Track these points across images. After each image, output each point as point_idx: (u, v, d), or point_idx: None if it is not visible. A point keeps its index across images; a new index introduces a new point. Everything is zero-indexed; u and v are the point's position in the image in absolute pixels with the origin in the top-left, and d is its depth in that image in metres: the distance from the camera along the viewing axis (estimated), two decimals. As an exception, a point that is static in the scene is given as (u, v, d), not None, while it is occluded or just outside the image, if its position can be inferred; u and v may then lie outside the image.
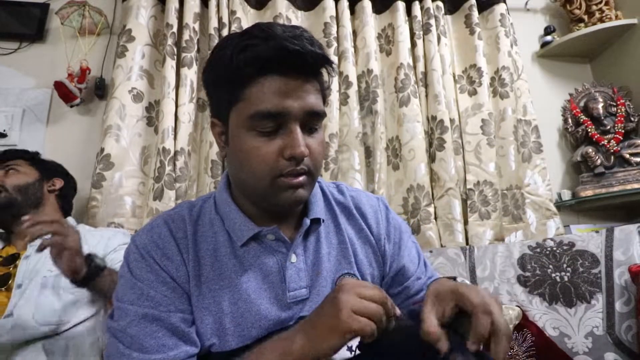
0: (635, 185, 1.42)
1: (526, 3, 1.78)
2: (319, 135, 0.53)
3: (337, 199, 0.65)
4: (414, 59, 1.53)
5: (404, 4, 1.57)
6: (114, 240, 1.00)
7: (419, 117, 1.44)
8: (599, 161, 1.49)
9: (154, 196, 1.21)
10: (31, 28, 1.44)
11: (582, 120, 1.56)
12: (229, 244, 0.55)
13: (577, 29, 1.63)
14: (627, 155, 1.47)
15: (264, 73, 0.48)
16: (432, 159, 1.45)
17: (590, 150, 1.51)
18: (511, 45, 1.60)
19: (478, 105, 1.51)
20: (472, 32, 1.58)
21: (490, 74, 1.58)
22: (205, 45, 1.41)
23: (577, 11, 1.66)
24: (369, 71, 1.47)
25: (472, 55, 1.57)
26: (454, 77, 1.58)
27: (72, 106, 1.34)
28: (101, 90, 1.39)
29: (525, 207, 1.45)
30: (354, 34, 1.55)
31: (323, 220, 0.60)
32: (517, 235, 1.41)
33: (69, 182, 1.13)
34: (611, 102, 1.55)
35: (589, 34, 1.60)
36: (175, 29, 1.37)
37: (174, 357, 0.47)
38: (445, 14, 1.64)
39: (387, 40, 1.59)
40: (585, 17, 1.65)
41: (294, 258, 0.55)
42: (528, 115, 1.55)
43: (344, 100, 1.44)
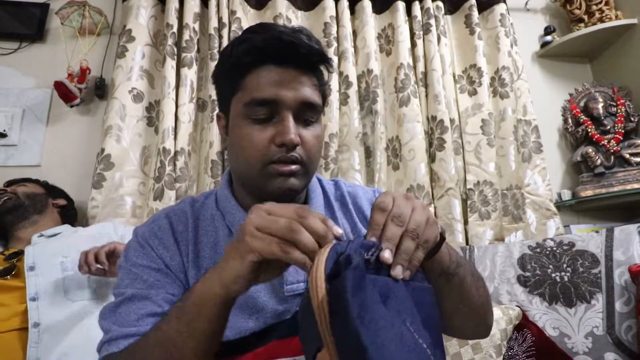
0: (635, 185, 1.42)
1: (526, 3, 1.77)
2: (314, 128, 0.54)
3: (335, 194, 0.66)
4: (414, 59, 1.53)
5: (404, 4, 1.57)
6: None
7: (419, 117, 1.44)
8: (599, 161, 1.49)
9: (154, 196, 1.21)
10: (31, 28, 1.44)
11: (582, 120, 1.56)
12: (229, 238, 0.56)
13: (577, 29, 1.63)
14: (627, 155, 1.47)
15: (261, 63, 0.51)
16: (432, 159, 1.45)
17: (590, 150, 1.51)
18: (511, 45, 1.60)
19: (478, 105, 1.51)
20: (472, 32, 1.58)
21: (490, 74, 1.58)
22: (205, 45, 1.41)
23: (577, 11, 1.66)
24: (369, 71, 1.47)
25: (472, 55, 1.57)
26: (454, 77, 1.58)
27: (72, 106, 1.34)
28: (101, 90, 1.39)
29: (525, 207, 1.45)
30: (354, 34, 1.55)
31: None
32: (517, 235, 1.41)
33: (71, 205, 1.22)
34: (611, 102, 1.55)
35: (589, 34, 1.60)
36: (175, 29, 1.37)
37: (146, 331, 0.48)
38: (445, 14, 1.64)
39: (387, 40, 1.59)
40: (585, 17, 1.65)
41: None
42: (528, 115, 1.55)
43: (344, 100, 1.44)
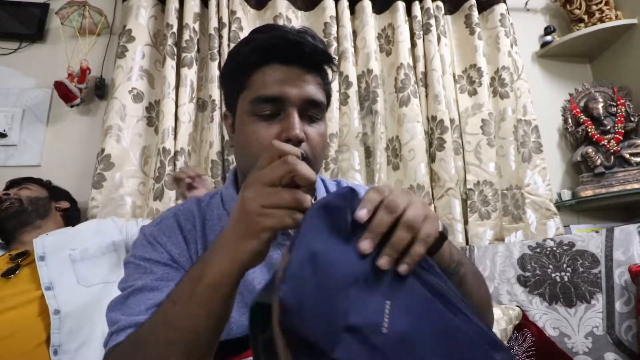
0: (635, 185, 1.42)
1: (526, 3, 1.77)
2: (319, 126, 0.55)
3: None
4: (414, 59, 1.54)
5: (404, 4, 1.57)
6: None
7: (419, 117, 1.44)
8: (599, 161, 1.49)
9: (154, 196, 1.21)
10: (31, 28, 1.44)
11: (582, 120, 1.56)
12: None
13: (577, 29, 1.63)
14: (627, 155, 1.47)
15: (266, 62, 0.52)
16: (432, 159, 1.45)
17: (590, 150, 1.51)
18: (511, 45, 1.60)
19: (478, 105, 1.51)
20: (472, 32, 1.58)
21: (490, 74, 1.58)
22: (205, 45, 1.41)
23: (577, 11, 1.66)
24: (369, 71, 1.47)
25: (472, 55, 1.57)
26: (454, 77, 1.58)
27: (72, 106, 1.34)
28: (101, 90, 1.39)
29: (525, 207, 1.45)
30: (354, 34, 1.55)
31: None
32: (517, 235, 1.41)
33: (74, 206, 1.22)
34: (611, 102, 1.55)
35: (589, 34, 1.60)
36: (175, 29, 1.37)
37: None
38: (445, 14, 1.64)
39: (387, 40, 1.59)
40: (585, 17, 1.65)
41: None
42: (528, 115, 1.55)
43: (344, 100, 1.44)
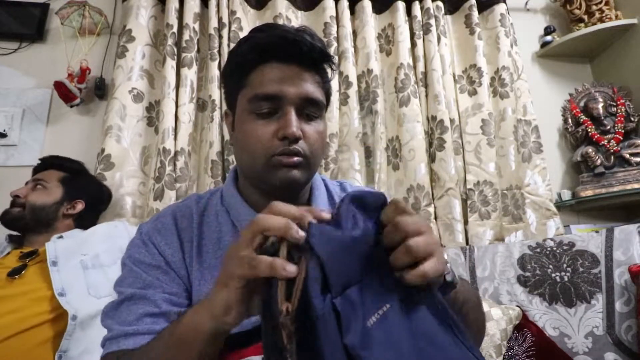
0: (635, 185, 1.42)
1: (526, 3, 1.77)
2: (317, 124, 0.55)
3: (339, 194, 0.67)
4: (414, 59, 1.53)
5: (404, 4, 1.57)
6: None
7: (419, 117, 1.44)
8: (599, 161, 1.49)
9: (155, 196, 1.21)
10: (31, 28, 1.44)
11: (582, 120, 1.56)
12: (233, 234, 0.57)
13: (577, 29, 1.63)
14: (627, 155, 1.47)
15: (265, 60, 0.53)
16: (432, 159, 1.45)
17: (590, 150, 1.51)
18: (511, 45, 1.60)
19: (478, 105, 1.51)
20: (472, 32, 1.58)
21: (490, 74, 1.58)
22: (205, 45, 1.41)
23: (577, 11, 1.66)
24: (369, 71, 1.47)
25: (472, 55, 1.57)
26: (454, 77, 1.58)
27: (72, 106, 1.34)
28: (101, 90, 1.39)
29: (525, 207, 1.45)
30: (354, 34, 1.55)
31: None
32: (517, 235, 1.41)
33: (94, 202, 1.15)
34: (611, 102, 1.55)
35: (589, 34, 1.60)
36: (175, 29, 1.37)
37: (147, 330, 0.49)
38: (445, 14, 1.64)
39: (387, 40, 1.58)
40: (585, 17, 1.65)
41: None
42: (528, 115, 1.55)
43: (344, 100, 1.44)
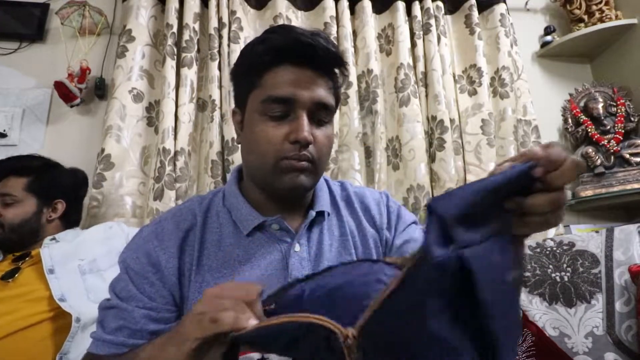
0: (635, 185, 1.42)
1: (526, 3, 1.77)
2: (326, 129, 0.56)
3: (341, 195, 0.68)
4: (414, 59, 1.53)
5: (404, 4, 1.57)
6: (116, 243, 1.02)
7: (419, 117, 1.44)
8: (599, 161, 1.49)
9: (154, 196, 1.21)
10: (31, 28, 1.44)
11: (582, 120, 1.56)
12: (235, 234, 0.57)
13: (577, 29, 1.63)
14: (627, 155, 1.47)
15: (279, 62, 0.53)
16: (432, 159, 1.45)
17: (590, 150, 1.51)
18: (511, 45, 1.60)
19: (478, 105, 1.51)
20: (472, 32, 1.58)
21: (490, 74, 1.58)
22: (205, 45, 1.41)
23: (577, 11, 1.66)
24: (369, 71, 1.47)
25: (472, 55, 1.57)
26: (454, 77, 1.58)
27: (72, 106, 1.34)
28: (101, 90, 1.39)
29: (525, 207, 1.45)
30: (354, 34, 1.55)
31: (328, 214, 0.62)
32: (517, 235, 1.41)
33: (74, 193, 1.09)
34: (611, 102, 1.55)
35: (589, 34, 1.60)
36: (175, 29, 1.36)
37: (121, 342, 0.51)
38: (445, 14, 1.64)
39: (387, 40, 1.58)
40: (585, 17, 1.65)
41: (297, 247, 0.57)
42: (528, 115, 1.55)
43: (344, 100, 1.44)
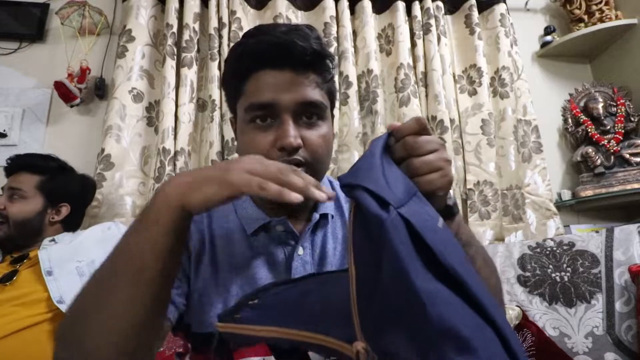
0: (635, 185, 1.42)
1: (526, 3, 1.77)
2: (319, 128, 0.53)
3: (345, 197, 0.66)
4: (414, 59, 1.53)
5: (404, 4, 1.57)
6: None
7: (419, 117, 1.44)
8: (599, 161, 1.49)
9: (154, 196, 1.21)
10: (31, 28, 1.44)
11: (582, 120, 1.56)
12: (240, 231, 0.57)
13: (577, 29, 1.63)
14: (627, 155, 1.47)
15: (259, 67, 0.51)
16: (432, 159, 1.45)
17: (590, 150, 1.51)
18: (511, 45, 1.60)
19: (478, 105, 1.51)
20: (472, 32, 1.58)
21: (490, 74, 1.58)
22: (205, 45, 1.41)
23: (577, 11, 1.66)
24: (369, 71, 1.47)
25: (472, 55, 1.57)
26: (454, 77, 1.58)
27: (72, 106, 1.34)
28: (101, 90, 1.39)
29: (525, 207, 1.45)
30: (354, 34, 1.55)
31: (332, 217, 0.61)
32: (517, 235, 1.41)
33: (80, 200, 1.10)
34: (611, 102, 1.55)
35: (589, 34, 1.60)
36: (175, 29, 1.37)
37: None
38: (445, 14, 1.64)
39: (387, 40, 1.58)
40: (585, 17, 1.65)
41: (301, 250, 0.56)
42: (528, 115, 1.55)
43: (344, 100, 1.44)
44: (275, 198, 0.35)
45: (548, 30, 1.73)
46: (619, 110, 1.52)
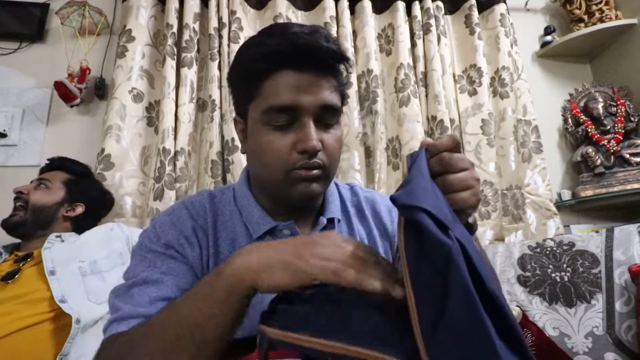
0: (635, 185, 1.42)
1: (526, 3, 1.78)
2: (335, 131, 0.53)
3: (352, 200, 0.66)
4: (414, 59, 1.53)
5: (404, 4, 1.57)
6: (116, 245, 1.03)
7: (419, 117, 1.44)
8: (599, 161, 1.49)
9: (154, 196, 1.21)
10: (31, 28, 1.44)
11: (582, 120, 1.56)
12: (246, 236, 0.56)
13: (577, 29, 1.63)
14: (627, 155, 1.47)
15: (278, 68, 0.49)
16: (432, 159, 1.45)
17: (590, 150, 1.51)
18: (511, 45, 1.60)
19: (478, 105, 1.51)
20: (472, 32, 1.58)
21: (490, 74, 1.58)
22: (205, 45, 1.41)
23: (577, 11, 1.66)
24: (369, 71, 1.47)
25: (472, 55, 1.57)
26: (454, 77, 1.58)
27: (72, 106, 1.34)
28: (101, 90, 1.39)
29: (525, 207, 1.45)
30: (354, 34, 1.55)
31: (339, 220, 0.61)
32: (517, 235, 1.41)
33: (95, 206, 1.14)
34: (611, 102, 1.55)
35: (589, 34, 1.60)
36: (175, 29, 1.37)
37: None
38: (445, 14, 1.64)
39: (387, 40, 1.58)
40: (585, 17, 1.65)
41: None
42: (528, 115, 1.55)
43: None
44: (352, 286, 0.34)
45: (548, 30, 1.73)
46: (619, 110, 1.52)
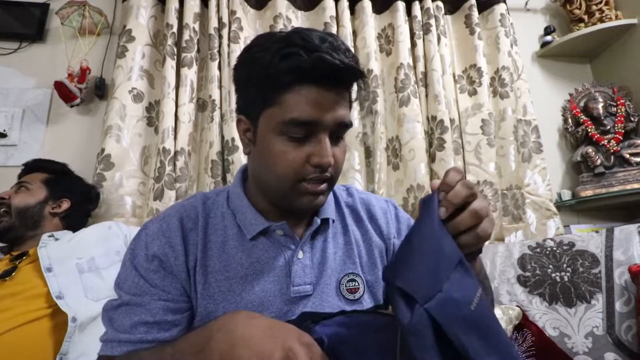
0: (635, 185, 1.43)
1: (526, 3, 1.78)
2: (343, 143, 0.55)
3: (346, 201, 0.67)
4: (414, 59, 1.53)
5: (404, 4, 1.57)
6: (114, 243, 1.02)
7: (419, 117, 1.44)
8: (599, 161, 1.49)
9: (154, 196, 1.21)
10: (31, 28, 1.44)
11: (582, 120, 1.56)
12: (239, 237, 0.57)
13: (577, 29, 1.64)
14: (627, 155, 1.47)
15: (301, 82, 0.49)
16: (432, 159, 1.45)
17: (590, 150, 1.51)
18: (511, 45, 1.60)
19: (478, 105, 1.51)
20: (472, 32, 1.58)
21: (490, 74, 1.58)
22: (205, 45, 1.41)
23: (577, 11, 1.66)
24: (369, 71, 1.47)
25: (472, 55, 1.57)
26: (454, 77, 1.58)
27: (72, 106, 1.34)
28: (101, 90, 1.39)
29: (525, 207, 1.45)
30: (354, 34, 1.55)
31: (333, 221, 0.61)
32: (517, 235, 1.41)
33: (81, 201, 1.14)
34: (611, 102, 1.55)
35: (589, 34, 1.60)
36: (175, 29, 1.37)
37: (139, 339, 0.49)
38: (445, 14, 1.64)
39: (387, 40, 1.58)
40: (585, 17, 1.65)
41: (301, 254, 0.57)
42: (528, 115, 1.55)
43: (344, 100, 1.44)
44: None
45: (548, 30, 1.73)
46: (619, 110, 1.52)
